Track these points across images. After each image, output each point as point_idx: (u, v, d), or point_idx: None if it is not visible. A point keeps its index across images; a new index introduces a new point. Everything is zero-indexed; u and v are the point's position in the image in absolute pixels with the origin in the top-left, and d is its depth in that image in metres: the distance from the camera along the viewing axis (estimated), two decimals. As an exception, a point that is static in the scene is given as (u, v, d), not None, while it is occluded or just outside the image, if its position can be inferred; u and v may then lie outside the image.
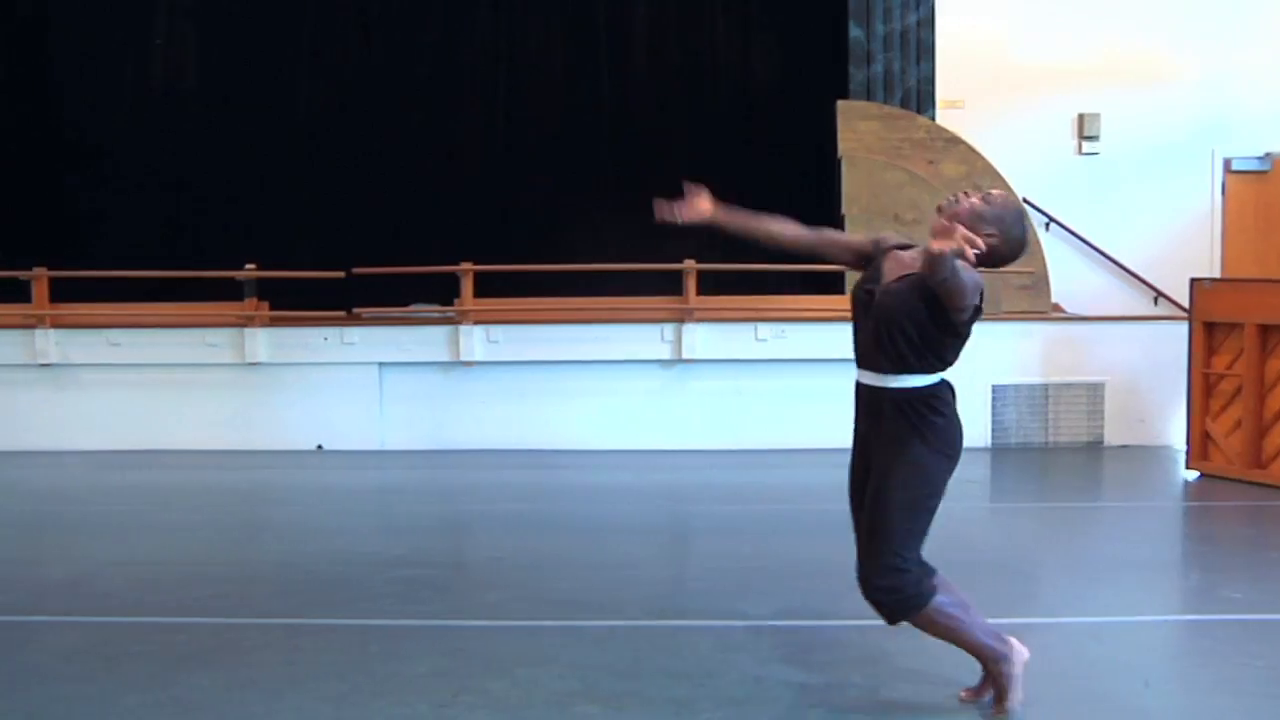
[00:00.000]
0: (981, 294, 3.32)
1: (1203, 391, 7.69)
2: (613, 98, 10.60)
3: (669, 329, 8.89)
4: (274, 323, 9.09)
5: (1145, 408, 8.97)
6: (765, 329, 8.89)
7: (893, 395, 3.43)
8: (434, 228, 9.90)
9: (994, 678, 3.56)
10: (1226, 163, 10.28)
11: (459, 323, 8.91)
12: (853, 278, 3.82)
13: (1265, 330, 7.24)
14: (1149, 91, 10.19)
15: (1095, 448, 8.97)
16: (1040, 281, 9.61)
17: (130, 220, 10.40)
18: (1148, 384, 8.96)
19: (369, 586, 5.15)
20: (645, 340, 8.91)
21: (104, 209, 10.43)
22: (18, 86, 10.66)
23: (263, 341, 9.01)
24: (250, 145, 10.24)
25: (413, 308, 9.77)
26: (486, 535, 6.45)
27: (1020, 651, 3.58)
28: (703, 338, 8.87)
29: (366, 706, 3.68)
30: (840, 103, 9.80)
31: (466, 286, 8.87)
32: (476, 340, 8.90)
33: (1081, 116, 10.25)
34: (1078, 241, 10.24)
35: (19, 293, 9.18)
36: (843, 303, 9.40)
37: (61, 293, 9.19)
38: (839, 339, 8.97)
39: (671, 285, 9.06)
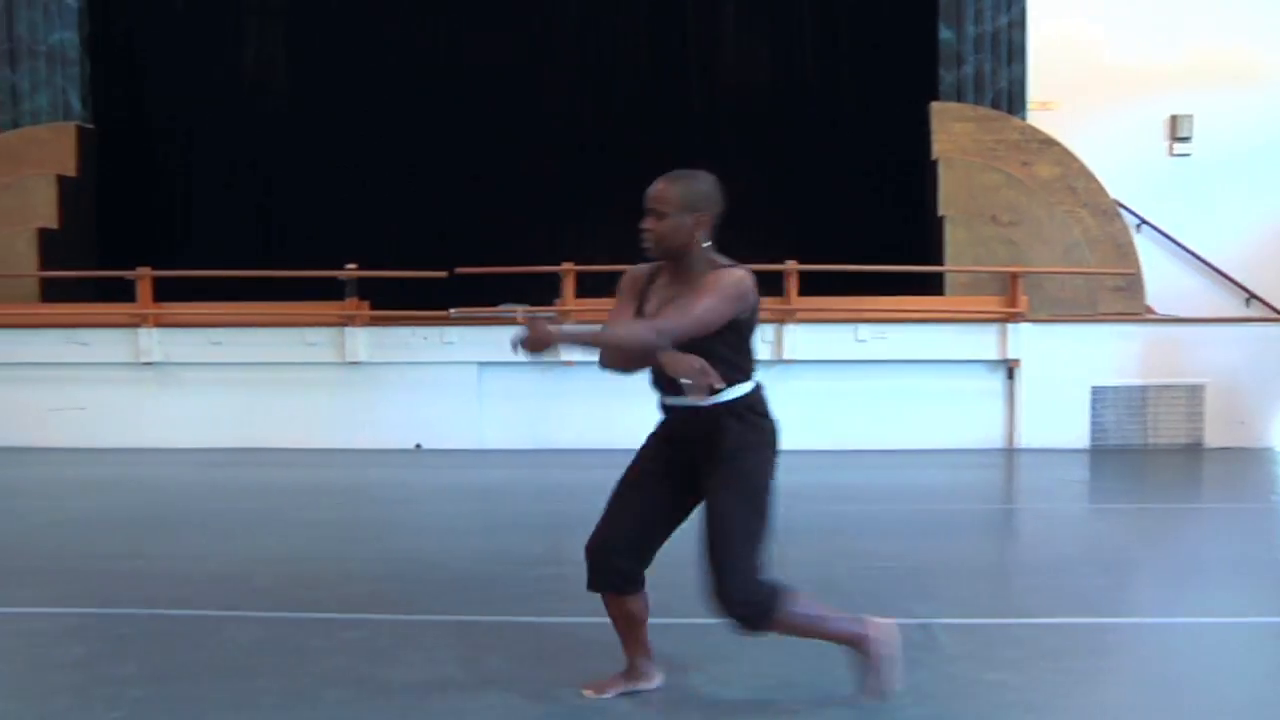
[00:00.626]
0: (747, 295, 3.40)
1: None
2: (703, 101, 10.66)
3: (769, 330, 8.92)
4: (374, 322, 9.18)
5: (1246, 410, 8.93)
6: (865, 330, 8.90)
7: (727, 408, 3.44)
8: (530, 227, 9.98)
9: (868, 661, 3.52)
10: (1320, 164, 10.22)
11: (560, 322, 8.95)
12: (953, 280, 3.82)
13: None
14: (1241, 92, 10.15)
15: (1194, 449, 8.94)
16: (1134, 283, 9.59)
17: (225, 220, 10.60)
18: (1248, 386, 8.92)
19: (520, 584, 5.19)
20: (744, 341, 8.93)
21: (201, 209, 10.63)
22: (115, 90, 10.83)
23: (363, 341, 9.10)
24: (344, 146, 10.39)
25: (501, 308, 9.84)
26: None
27: (888, 628, 3.56)
28: (803, 338, 8.89)
29: (570, 702, 3.72)
30: (934, 104, 9.81)
31: (568, 286, 8.93)
32: (576, 340, 8.93)
33: (1174, 118, 10.22)
34: (1168, 243, 10.21)
35: (122, 293, 9.33)
36: (943, 304, 9.44)
37: (163, 293, 9.33)
38: (938, 340, 9.07)
39: (770, 286, 9.07)
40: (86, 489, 7.75)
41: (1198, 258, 10.15)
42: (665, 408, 3.64)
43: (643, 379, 3.61)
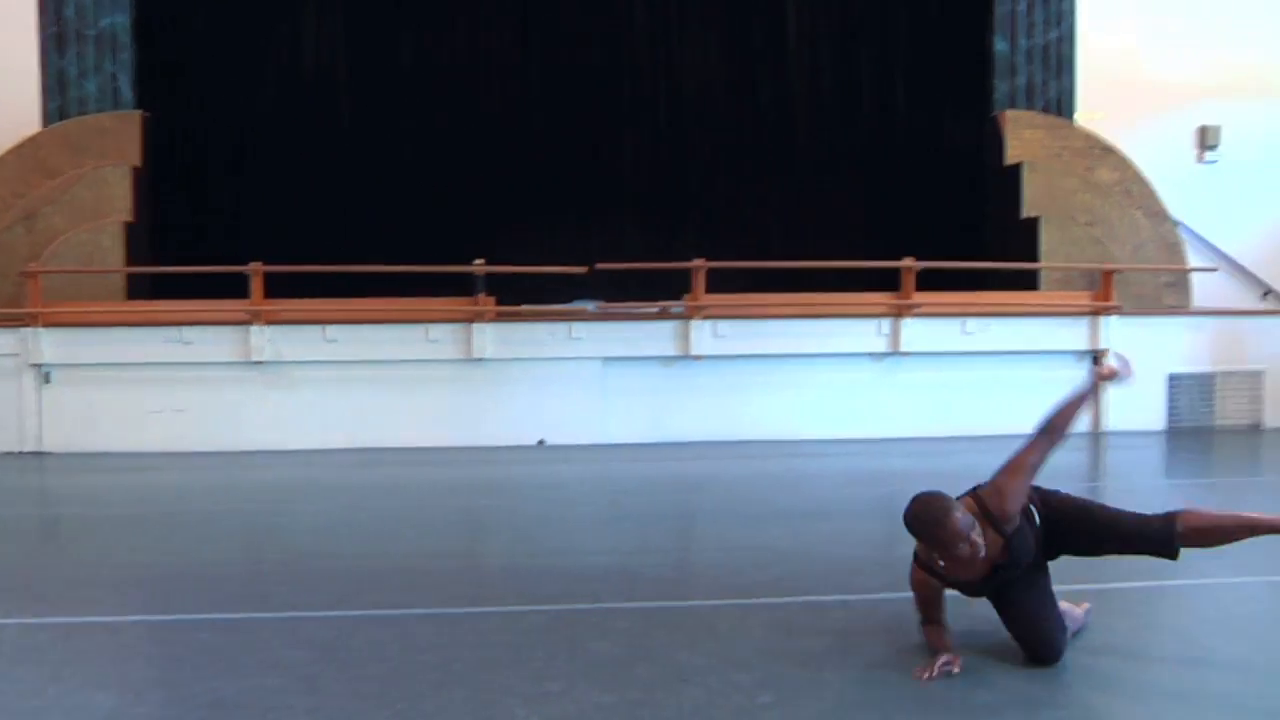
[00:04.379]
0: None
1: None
2: (773, 111, 11.06)
3: (886, 323, 9.33)
4: (500, 318, 9.12)
5: (1302, 391, 9.91)
6: (973, 323, 9.42)
7: None
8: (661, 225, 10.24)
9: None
10: (1329, 171, 11.36)
11: (689, 317, 9.13)
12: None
13: None
14: (1264, 105, 11.18)
15: (1255, 430, 9.86)
16: (1182, 278, 10.47)
17: (291, 213, 10.33)
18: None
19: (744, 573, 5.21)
20: (862, 334, 9.34)
21: (267, 202, 10.32)
22: (166, 77, 10.37)
23: (490, 337, 9.04)
24: (411, 137, 10.34)
25: (574, 305, 9.95)
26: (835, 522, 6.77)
27: None
28: (918, 331, 9.34)
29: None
30: (1009, 112, 10.44)
31: (698, 282, 9.11)
32: (705, 335, 9.15)
33: (1203, 129, 11.17)
34: (1196, 240, 11.15)
35: (230, 288, 8.97)
36: (1039, 298, 10.04)
37: (273, 288, 9.01)
38: (1036, 332, 9.62)
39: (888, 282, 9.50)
40: (280, 492, 7.51)
41: (1225, 256, 11.11)
42: None
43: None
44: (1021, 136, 10.41)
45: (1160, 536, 3.85)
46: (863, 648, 4.04)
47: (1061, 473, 4.13)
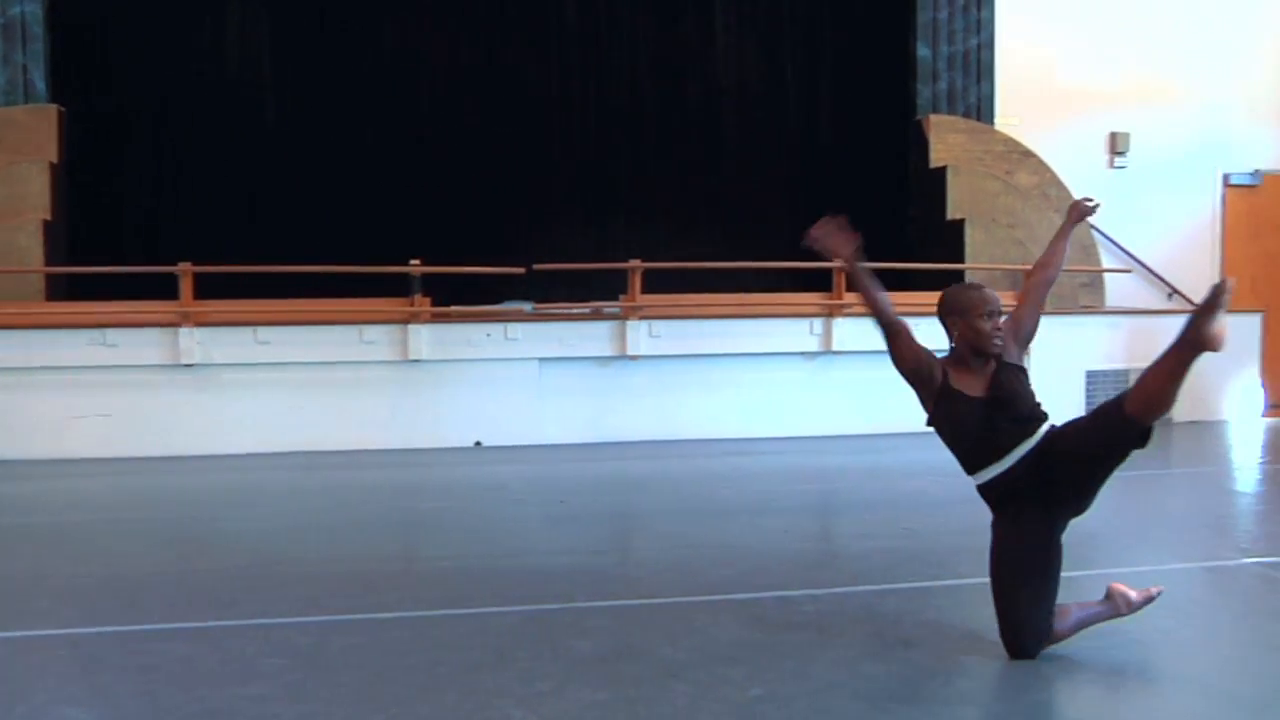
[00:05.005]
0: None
1: (1301, 371, 9.10)
2: (701, 113, 11.16)
3: (818, 323, 9.50)
4: (435, 319, 9.04)
5: (1205, 388, 10.34)
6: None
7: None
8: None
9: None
10: (1225, 178, 11.91)
11: (625, 317, 9.17)
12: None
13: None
14: (1168, 113, 11.67)
15: (1167, 424, 10.26)
16: (1096, 279, 10.87)
17: (214, 212, 10.11)
18: (1209, 368, 10.23)
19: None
20: (796, 333, 9.48)
21: (187, 201, 10.09)
22: (81, 69, 10.05)
23: (426, 338, 8.96)
24: (340, 132, 10.23)
25: (502, 306, 9.93)
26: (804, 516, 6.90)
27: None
28: (849, 330, 9.52)
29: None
30: (933, 116, 10.71)
31: (634, 283, 9.15)
32: (641, 335, 9.20)
33: (1114, 134, 11.61)
34: (1107, 243, 11.59)
35: (157, 289, 8.73)
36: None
37: (204, 289, 8.80)
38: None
39: (813, 282, 9.68)
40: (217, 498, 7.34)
41: (1134, 258, 11.57)
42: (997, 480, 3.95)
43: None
44: (945, 140, 10.69)
45: (1119, 424, 3.72)
46: (840, 639, 4.14)
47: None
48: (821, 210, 11.85)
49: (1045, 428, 3.92)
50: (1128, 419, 3.68)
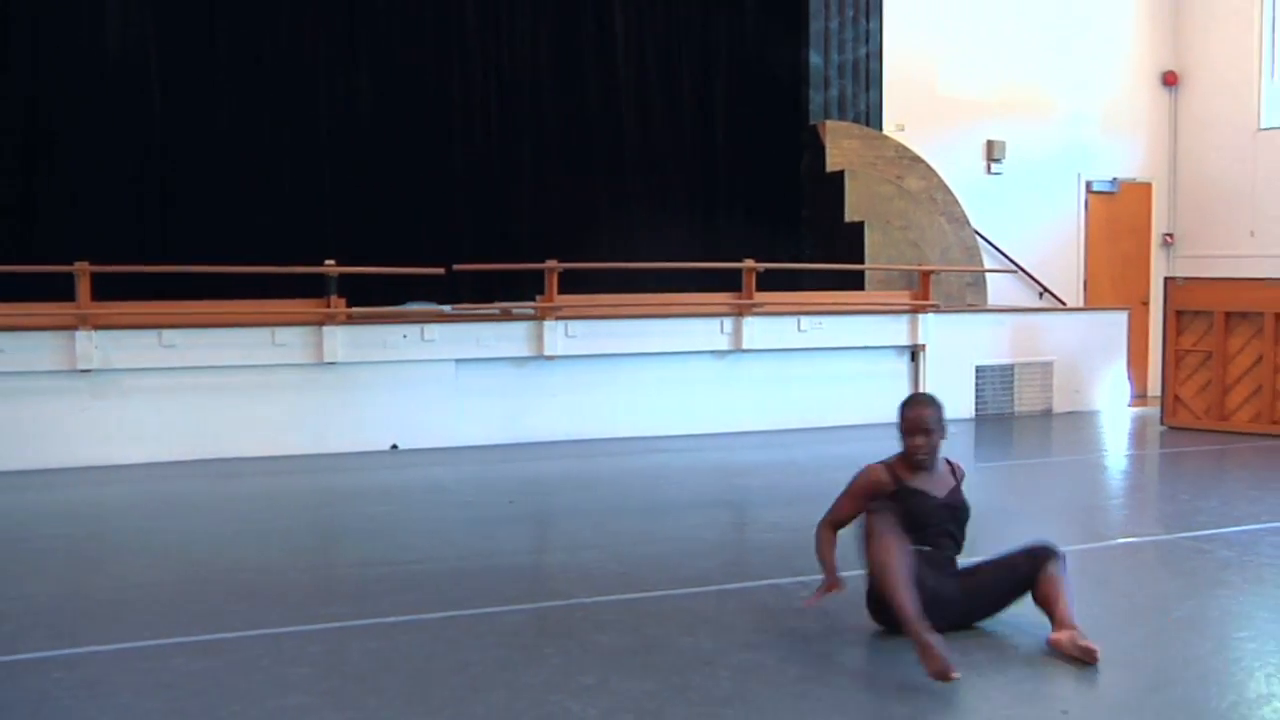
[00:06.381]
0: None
1: (1174, 364, 9.78)
2: (603, 116, 11.23)
3: (729, 322, 9.69)
4: (351, 320, 8.83)
5: (1081, 381, 11.02)
6: (806, 321, 9.93)
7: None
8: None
9: None
10: (1088, 185, 12.72)
11: (542, 318, 9.16)
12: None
13: (1229, 316, 9.43)
14: (1038, 123, 12.39)
15: (1047, 414, 10.90)
16: (979, 278, 11.45)
17: (100, 211, 9.59)
18: (1082, 362, 11.00)
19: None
20: (707, 332, 9.66)
21: (65, 197, 9.55)
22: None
23: (341, 340, 8.74)
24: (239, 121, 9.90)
25: (406, 306, 9.82)
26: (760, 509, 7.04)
27: None
28: (758, 329, 9.76)
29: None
30: (829, 122, 11.07)
31: (551, 284, 9.14)
32: (558, 335, 9.20)
33: (990, 142, 12.24)
34: (986, 245, 12.22)
35: (48, 291, 8.25)
36: (865, 298, 10.74)
37: (102, 290, 8.35)
38: (863, 329, 10.26)
39: (719, 282, 9.88)
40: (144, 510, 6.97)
41: (1009, 259, 12.23)
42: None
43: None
44: (841, 145, 11.07)
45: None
46: (851, 622, 4.28)
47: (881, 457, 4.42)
48: (728, 215, 12.16)
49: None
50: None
